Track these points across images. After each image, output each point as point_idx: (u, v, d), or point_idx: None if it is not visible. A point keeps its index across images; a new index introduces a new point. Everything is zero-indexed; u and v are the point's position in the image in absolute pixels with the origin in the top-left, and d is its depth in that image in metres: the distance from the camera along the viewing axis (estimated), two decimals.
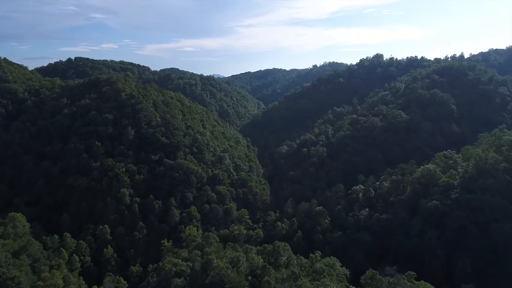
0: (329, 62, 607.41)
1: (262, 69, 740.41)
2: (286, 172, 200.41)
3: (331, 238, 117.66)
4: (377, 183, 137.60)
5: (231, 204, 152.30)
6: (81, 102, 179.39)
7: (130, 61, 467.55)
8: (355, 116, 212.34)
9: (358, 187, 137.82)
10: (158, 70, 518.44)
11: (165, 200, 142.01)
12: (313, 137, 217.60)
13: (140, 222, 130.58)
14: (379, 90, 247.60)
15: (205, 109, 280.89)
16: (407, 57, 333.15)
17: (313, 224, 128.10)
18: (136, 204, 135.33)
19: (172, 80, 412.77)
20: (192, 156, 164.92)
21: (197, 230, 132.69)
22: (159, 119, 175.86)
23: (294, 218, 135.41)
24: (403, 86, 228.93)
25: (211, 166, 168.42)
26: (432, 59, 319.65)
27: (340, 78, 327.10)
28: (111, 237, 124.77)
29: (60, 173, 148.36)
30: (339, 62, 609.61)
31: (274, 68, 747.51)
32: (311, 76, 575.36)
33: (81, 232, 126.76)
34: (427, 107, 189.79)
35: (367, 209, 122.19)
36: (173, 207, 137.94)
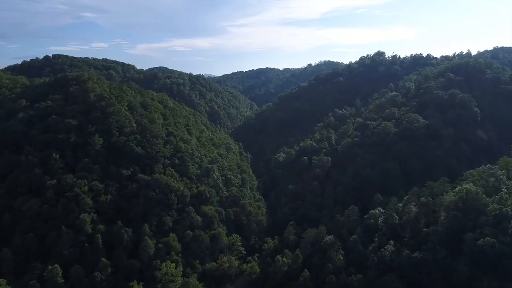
0: (325, 61, 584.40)
1: (255, 68, 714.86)
2: (284, 184, 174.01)
3: (347, 282, 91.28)
4: (399, 204, 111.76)
5: (219, 229, 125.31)
6: (41, 105, 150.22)
7: (121, 60, 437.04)
8: (361, 120, 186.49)
9: (376, 210, 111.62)
10: (146, 69, 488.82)
11: (137, 227, 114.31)
12: (314, 144, 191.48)
13: (103, 259, 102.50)
14: (385, 90, 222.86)
15: (193, 111, 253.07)
16: (411, 55, 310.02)
17: (322, 259, 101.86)
18: (99, 234, 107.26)
19: (159, 80, 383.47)
20: (173, 170, 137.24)
21: (176, 267, 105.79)
22: (134, 125, 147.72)
23: (298, 250, 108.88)
24: (414, 85, 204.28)
25: (196, 181, 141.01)
26: (438, 57, 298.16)
27: (339, 77, 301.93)
28: (63, 280, 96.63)
29: (7, 193, 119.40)
30: (335, 61, 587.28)
31: (267, 68, 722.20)
32: (306, 75, 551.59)
33: (27, 273, 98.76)
34: (446, 110, 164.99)
35: (392, 242, 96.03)
36: (146, 237, 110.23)
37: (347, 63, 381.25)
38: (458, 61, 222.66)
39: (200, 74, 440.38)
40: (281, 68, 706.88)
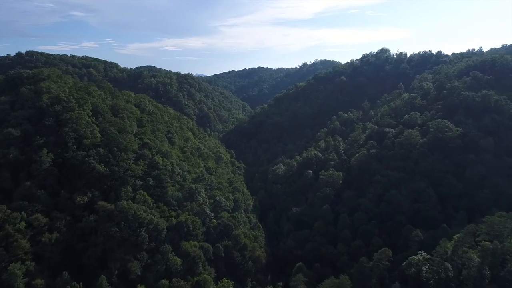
0: (321, 60, 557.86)
1: (247, 68, 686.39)
2: (286, 203, 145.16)
3: None
4: (449, 243, 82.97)
5: (205, 274, 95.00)
6: None
7: (111, 60, 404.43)
8: (375, 127, 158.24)
9: (419, 256, 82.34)
10: (133, 68, 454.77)
11: (93, 278, 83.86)
12: (319, 154, 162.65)
13: None
14: (399, 91, 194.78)
15: (178, 114, 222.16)
16: (419, 52, 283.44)
17: None
18: None
19: (144, 79, 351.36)
20: (145, 193, 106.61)
21: None
22: (98, 135, 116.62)
23: None
24: (432, 86, 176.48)
25: (176, 207, 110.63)
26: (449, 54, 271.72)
27: (342, 76, 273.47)
28: None
29: None
30: (331, 60, 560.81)
31: (259, 67, 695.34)
32: (301, 74, 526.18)
33: None
34: (480, 115, 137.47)
35: None
36: None
37: (345, 62, 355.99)
38: (481, 57, 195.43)
39: (189, 73, 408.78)
40: (274, 67, 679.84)
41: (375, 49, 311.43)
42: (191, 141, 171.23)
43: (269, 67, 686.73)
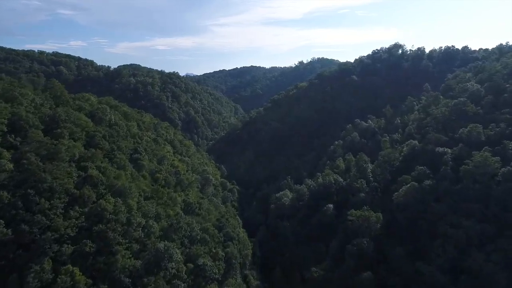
0: (318, 58, 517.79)
1: (239, 67, 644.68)
2: (298, 254, 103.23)
3: None
4: None
5: None
6: None
7: (100, 59, 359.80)
8: (415, 142, 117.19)
9: None
10: (114, 66, 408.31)
11: None
12: (339, 179, 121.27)
13: None
14: (436, 93, 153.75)
15: (156, 122, 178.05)
16: (440, 48, 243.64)
17: None
18: None
19: (122, 78, 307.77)
20: (77, 270, 63.31)
21: None
22: (8, 167, 72.86)
23: None
24: (480, 87, 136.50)
25: None
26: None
27: (353, 76, 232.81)
28: None
29: None
30: (329, 58, 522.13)
31: (252, 66, 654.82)
32: (298, 73, 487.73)
33: None
34: None
35: None
36: None
37: (343, 61, 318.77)
38: None
39: (174, 72, 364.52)
40: (267, 66, 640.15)
41: (371, 49, 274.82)
42: (168, 161, 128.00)
43: (262, 66, 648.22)
